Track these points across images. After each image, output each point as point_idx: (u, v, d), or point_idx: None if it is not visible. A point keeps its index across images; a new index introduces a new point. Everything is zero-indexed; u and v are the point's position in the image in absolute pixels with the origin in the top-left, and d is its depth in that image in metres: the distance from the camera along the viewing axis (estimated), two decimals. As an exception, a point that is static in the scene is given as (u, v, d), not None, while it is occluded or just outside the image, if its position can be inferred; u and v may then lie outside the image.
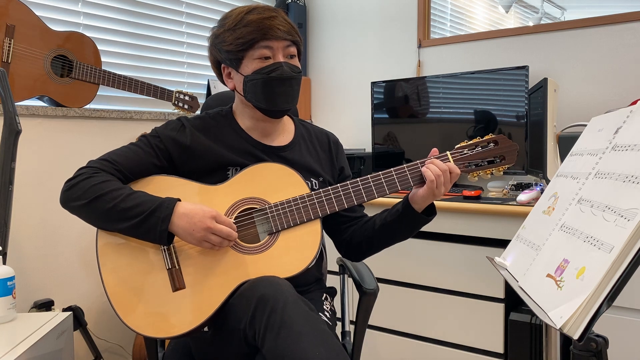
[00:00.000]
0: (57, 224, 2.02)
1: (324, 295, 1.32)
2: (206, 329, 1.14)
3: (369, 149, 2.62)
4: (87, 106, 2.08)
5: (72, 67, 1.99)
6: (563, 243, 0.88)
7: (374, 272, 1.39)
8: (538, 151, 1.89)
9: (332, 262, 1.56)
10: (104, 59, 2.15)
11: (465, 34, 2.52)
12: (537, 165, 1.90)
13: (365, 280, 1.32)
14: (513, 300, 1.83)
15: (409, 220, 1.22)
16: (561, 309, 0.75)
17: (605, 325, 1.58)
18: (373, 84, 2.50)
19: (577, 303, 0.73)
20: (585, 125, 1.11)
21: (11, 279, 1.34)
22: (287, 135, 1.32)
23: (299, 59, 1.25)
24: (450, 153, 1.20)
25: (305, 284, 1.29)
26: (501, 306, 1.81)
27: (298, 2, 2.88)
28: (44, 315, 1.42)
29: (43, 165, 1.98)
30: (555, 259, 0.87)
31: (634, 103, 1.57)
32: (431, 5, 2.61)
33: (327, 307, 1.29)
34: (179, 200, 1.11)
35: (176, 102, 2.23)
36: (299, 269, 1.11)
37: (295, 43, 1.22)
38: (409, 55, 2.66)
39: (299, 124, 1.37)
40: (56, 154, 2.02)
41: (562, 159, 1.71)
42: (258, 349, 1.01)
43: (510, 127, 2.12)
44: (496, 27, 2.48)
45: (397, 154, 2.46)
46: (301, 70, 1.25)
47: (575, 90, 2.17)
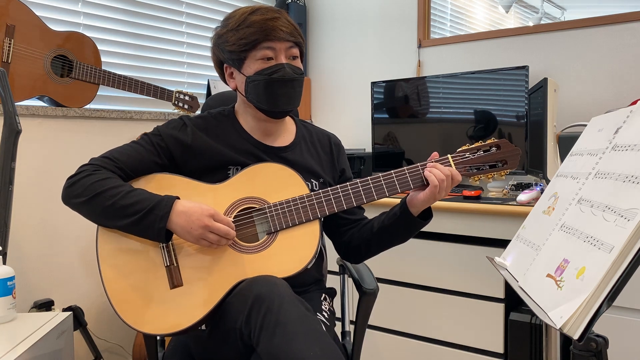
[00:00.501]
0: (57, 224, 2.02)
1: (322, 295, 1.32)
2: (204, 327, 1.14)
3: (369, 149, 2.62)
4: (87, 106, 2.08)
5: (72, 67, 1.99)
6: (563, 243, 0.88)
7: (374, 272, 1.40)
8: (538, 151, 1.89)
9: (333, 262, 1.56)
10: (104, 59, 2.15)
11: (465, 34, 2.52)
12: (537, 165, 1.90)
13: (365, 280, 1.32)
14: (513, 300, 1.83)
15: (406, 224, 1.22)
16: (561, 309, 0.75)
17: (605, 325, 1.57)
18: (373, 84, 2.50)
19: (577, 303, 0.73)
20: (585, 125, 1.11)
21: (11, 279, 1.34)
22: (289, 136, 1.32)
23: (301, 60, 1.26)
24: (452, 156, 1.20)
25: (304, 285, 1.29)
26: (501, 306, 1.81)
27: (298, 2, 2.89)
28: (44, 315, 1.42)
29: (43, 165, 1.98)
30: (555, 259, 0.87)
31: (634, 103, 1.56)
32: (431, 5, 2.61)
33: (326, 308, 1.29)
34: (178, 198, 1.12)
35: (176, 102, 2.23)
36: (296, 269, 1.12)
37: (298, 44, 1.22)
38: (409, 55, 2.66)
39: (300, 125, 1.37)
40: (56, 154, 2.02)
41: (562, 159, 1.71)
42: (254, 348, 1.01)
43: (510, 127, 2.12)
44: (496, 27, 2.48)
45: (397, 154, 2.46)
46: (303, 71, 1.25)
47: (575, 90, 2.17)
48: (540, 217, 1.04)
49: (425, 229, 1.28)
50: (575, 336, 0.72)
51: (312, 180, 1.29)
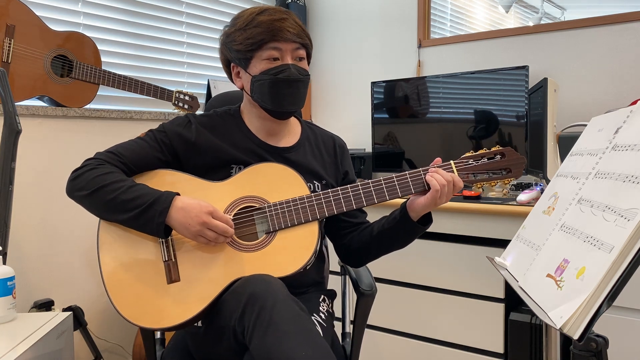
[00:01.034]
0: (57, 224, 2.02)
1: (321, 296, 1.32)
2: (200, 324, 1.14)
3: (369, 149, 2.62)
4: (87, 106, 2.08)
5: (72, 67, 1.99)
6: (563, 243, 0.88)
7: (373, 272, 1.39)
8: (538, 151, 1.89)
9: (334, 263, 1.56)
10: (104, 59, 2.15)
11: (465, 34, 2.52)
12: (537, 165, 1.90)
13: (362, 281, 1.32)
14: (513, 300, 1.83)
15: (405, 228, 1.22)
16: (561, 309, 0.75)
17: (605, 325, 1.57)
18: (373, 84, 2.50)
19: (577, 303, 0.73)
20: (585, 125, 1.11)
21: (11, 279, 1.34)
22: (293, 137, 1.33)
23: (308, 62, 1.26)
24: (455, 163, 1.20)
25: (302, 286, 1.28)
26: (501, 306, 1.81)
27: (298, 2, 2.88)
28: (44, 315, 1.42)
29: (43, 165, 1.98)
30: (555, 259, 0.87)
31: (634, 103, 1.56)
32: (431, 5, 2.61)
33: (324, 309, 1.28)
34: (178, 194, 1.13)
35: (176, 102, 2.23)
36: (293, 269, 1.12)
37: (305, 46, 1.23)
38: (409, 55, 2.66)
39: (305, 126, 1.37)
40: (56, 154, 2.02)
41: (562, 159, 1.71)
42: (247, 346, 1.01)
43: (510, 127, 2.12)
44: (496, 27, 2.48)
45: (397, 154, 2.46)
46: (309, 73, 1.25)
47: (575, 90, 2.17)
48: (540, 217, 1.04)
49: (425, 228, 1.29)
50: (575, 336, 0.72)
51: (314, 182, 1.29)
